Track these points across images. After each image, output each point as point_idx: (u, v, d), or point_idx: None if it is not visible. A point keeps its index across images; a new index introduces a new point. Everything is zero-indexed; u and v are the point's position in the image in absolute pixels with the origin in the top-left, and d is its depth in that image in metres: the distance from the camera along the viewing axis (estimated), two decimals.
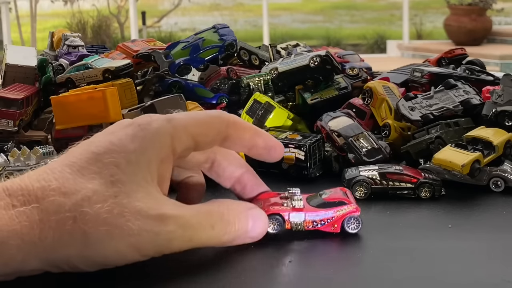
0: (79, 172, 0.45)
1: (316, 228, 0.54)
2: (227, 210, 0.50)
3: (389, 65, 1.40)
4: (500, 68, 6.16)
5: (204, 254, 0.52)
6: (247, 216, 0.51)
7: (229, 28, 0.99)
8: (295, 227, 0.54)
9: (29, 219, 0.42)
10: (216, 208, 0.49)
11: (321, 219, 0.54)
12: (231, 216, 0.50)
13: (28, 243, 0.42)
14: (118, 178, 0.44)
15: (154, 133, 0.47)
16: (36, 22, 8.42)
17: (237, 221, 0.50)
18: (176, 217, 0.46)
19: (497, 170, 0.68)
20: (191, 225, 0.47)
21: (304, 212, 0.54)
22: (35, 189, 0.43)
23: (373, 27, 9.15)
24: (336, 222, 0.54)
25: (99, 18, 8.81)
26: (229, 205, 0.50)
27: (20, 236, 0.42)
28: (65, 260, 0.44)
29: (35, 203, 0.43)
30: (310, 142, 0.73)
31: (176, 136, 0.48)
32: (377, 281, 0.47)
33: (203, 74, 0.97)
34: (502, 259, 0.51)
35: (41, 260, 0.43)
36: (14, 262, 0.42)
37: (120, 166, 0.45)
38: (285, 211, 0.54)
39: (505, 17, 8.29)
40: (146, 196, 0.45)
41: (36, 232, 0.42)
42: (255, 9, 9.39)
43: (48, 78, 0.94)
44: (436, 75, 0.88)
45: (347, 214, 0.54)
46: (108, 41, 8.25)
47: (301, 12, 10.76)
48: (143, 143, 0.47)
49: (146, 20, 8.39)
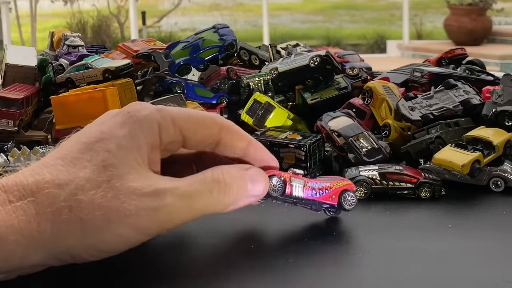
0: (72, 163, 0.45)
1: (314, 197, 0.56)
2: (222, 174, 0.48)
3: (389, 65, 1.40)
4: (500, 68, 6.16)
5: (204, 254, 0.52)
6: (244, 176, 0.50)
7: (229, 28, 0.99)
8: (296, 191, 0.55)
9: (26, 213, 0.42)
10: (211, 173, 0.48)
11: (320, 188, 0.56)
12: (228, 178, 0.48)
13: (27, 237, 0.42)
14: (110, 162, 0.45)
15: (142, 119, 0.47)
16: (36, 22, 8.42)
17: (234, 182, 0.49)
18: (172, 189, 0.45)
19: (497, 170, 0.68)
20: (188, 194, 0.46)
21: (304, 179, 0.56)
22: (30, 184, 0.44)
23: (373, 27, 9.15)
24: (334, 193, 0.56)
25: (99, 18, 8.81)
26: (224, 169, 0.49)
27: (18, 231, 0.42)
28: (66, 251, 0.44)
29: (31, 197, 0.43)
30: (310, 142, 0.73)
31: (164, 126, 0.48)
32: (377, 281, 0.47)
33: (203, 74, 0.97)
34: (502, 259, 0.51)
35: (41, 253, 0.43)
36: (14, 258, 0.43)
37: (111, 151, 0.45)
38: (287, 174, 0.55)
39: (505, 17, 8.29)
40: (139, 177, 0.45)
41: (34, 226, 0.42)
42: (255, 9, 9.39)
43: (48, 78, 0.94)
44: (436, 75, 0.88)
45: (344, 187, 0.56)
46: (108, 41, 8.25)
47: (301, 12, 10.76)
48: (133, 129, 0.47)
49: (146, 20, 8.39)
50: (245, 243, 0.54)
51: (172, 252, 0.52)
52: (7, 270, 0.44)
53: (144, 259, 0.51)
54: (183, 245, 0.54)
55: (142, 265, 0.50)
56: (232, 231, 0.56)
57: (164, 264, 0.50)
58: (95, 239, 0.44)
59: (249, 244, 0.54)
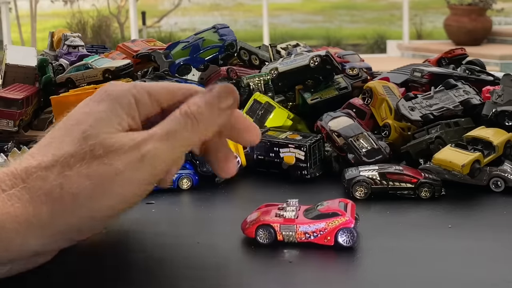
0: (57, 147, 0.46)
1: (309, 240, 0.53)
2: (188, 107, 0.49)
3: (389, 65, 1.40)
4: (500, 68, 6.15)
5: (204, 254, 0.52)
6: (209, 99, 0.49)
7: (229, 28, 0.99)
8: (287, 238, 0.53)
9: (20, 199, 0.44)
10: (179, 111, 0.49)
11: (313, 231, 0.53)
12: (194, 108, 0.49)
13: (24, 223, 0.43)
14: (89, 133, 0.46)
15: (118, 94, 0.49)
16: (36, 22, 8.42)
17: (202, 109, 0.49)
18: (150, 136, 0.47)
19: (497, 170, 0.68)
20: (165, 135, 0.47)
21: (295, 224, 0.53)
22: (19, 172, 0.45)
23: (373, 27, 9.14)
24: (329, 234, 0.52)
25: (99, 18, 8.80)
26: (190, 101, 0.49)
27: (15, 219, 0.43)
28: (66, 230, 0.45)
29: (22, 183, 0.44)
30: (310, 142, 0.73)
31: (140, 98, 0.49)
32: (377, 281, 0.47)
33: (203, 74, 0.97)
34: (502, 259, 0.51)
35: (40, 238, 0.44)
36: (14, 246, 0.43)
37: (92, 124, 0.47)
38: (275, 222, 0.53)
39: (505, 17, 8.29)
40: (120, 139, 0.46)
41: (29, 211, 0.43)
42: (255, 9, 9.38)
43: (48, 78, 0.94)
44: (436, 75, 0.88)
45: (340, 226, 0.52)
46: (108, 41, 8.25)
47: (301, 12, 10.76)
48: (110, 103, 0.48)
49: (146, 20, 8.39)
50: (245, 243, 0.54)
51: (172, 252, 0.52)
52: (9, 259, 0.44)
53: (143, 259, 0.51)
54: (183, 245, 0.54)
55: (141, 263, 0.50)
56: (232, 231, 0.56)
57: (164, 264, 0.50)
58: (90, 209, 0.45)
59: (249, 244, 0.54)
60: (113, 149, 0.45)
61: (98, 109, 0.48)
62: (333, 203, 0.55)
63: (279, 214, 0.54)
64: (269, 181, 0.73)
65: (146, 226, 0.59)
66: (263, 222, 0.53)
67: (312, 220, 0.53)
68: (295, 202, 0.55)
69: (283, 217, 0.54)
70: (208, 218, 0.63)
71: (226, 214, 0.64)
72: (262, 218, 0.54)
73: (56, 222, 0.44)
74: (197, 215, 0.65)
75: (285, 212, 0.54)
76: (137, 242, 0.55)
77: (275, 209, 0.55)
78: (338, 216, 0.53)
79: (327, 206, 0.55)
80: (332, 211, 0.54)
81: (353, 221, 0.53)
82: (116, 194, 0.45)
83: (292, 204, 0.55)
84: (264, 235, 0.53)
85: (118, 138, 0.46)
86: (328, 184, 0.72)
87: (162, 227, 0.59)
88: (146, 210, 0.63)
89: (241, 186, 0.73)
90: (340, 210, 0.54)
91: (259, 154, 0.76)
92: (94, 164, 0.45)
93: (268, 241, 0.53)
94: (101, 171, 0.45)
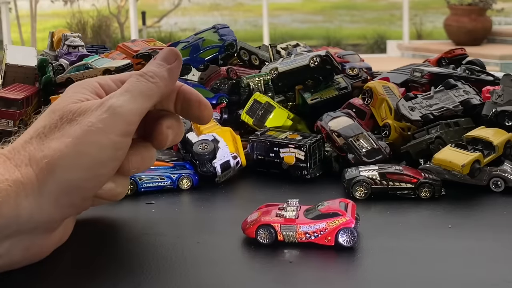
0: (32, 127, 0.51)
1: (309, 240, 0.53)
2: (141, 70, 0.54)
3: (389, 65, 1.40)
4: (500, 68, 6.15)
5: (204, 254, 0.52)
6: (156, 61, 0.55)
7: (229, 28, 0.99)
8: (288, 238, 0.53)
9: (5, 166, 0.47)
10: (135, 74, 0.54)
11: (314, 231, 0.53)
12: (145, 69, 0.54)
13: (15, 183, 0.46)
14: (56, 107, 0.51)
15: (85, 81, 0.55)
16: (36, 22, 8.42)
17: (152, 66, 0.55)
18: (112, 95, 0.52)
19: (497, 170, 0.68)
20: (124, 90, 0.52)
21: (296, 224, 0.53)
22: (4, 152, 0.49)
23: (373, 27, 9.14)
24: (329, 234, 0.53)
25: (99, 18, 8.80)
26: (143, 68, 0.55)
27: (4, 181, 0.46)
28: (57, 190, 0.47)
29: (7, 160, 0.48)
30: (310, 142, 0.73)
31: (103, 83, 0.55)
32: (377, 281, 0.47)
33: (203, 74, 0.97)
34: (502, 259, 0.51)
35: (33, 199, 0.46)
36: (8, 208, 0.45)
37: (58, 102, 0.52)
38: (276, 222, 0.53)
39: (505, 17, 8.29)
40: (86, 104, 0.51)
41: (17, 173, 0.47)
42: (255, 9, 9.38)
43: (48, 78, 0.94)
44: (436, 75, 0.88)
45: (340, 226, 0.53)
46: (108, 41, 8.25)
47: (301, 12, 10.76)
48: (75, 87, 0.54)
49: (146, 20, 8.39)
50: (246, 243, 0.54)
51: (172, 252, 0.52)
52: (4, 225, 0.46)
53: (144, 259, 0.51)
54: (183, 245, 0.54)
55: (140, 264, 0.50)
56: (232, 231, 0.56)
57: (164, 264, 0.50)
58: (74, 165, 0.48)
59: (250, 244, 0.54)
60: (81, 111, 0.50)
61: (65, 94, 0.53)
62: (333, 203, 0.55)
63: (280, 214, 0.54)
64: (269, 181, 0.73)
65: (146, 226, 0.59)
66: (263, 222, 0.54)
67: (313, 220, 0.53)
68: (296, 202, 0.55)
69: (283, 217, 0.54)
70: (208, 218, 0.63)
71: (226, 214, 0.64)
72: (262, 218, 0.54)
73: (45, 181, 0.47)
74: (197, 215, 0.65)
75: (285, 212, 0.54)
76: (137, 242, 0.55)
77: (276, 209, 0.55)
78: (339, 216, 0.53)
79: (327, 206, 0.55)
80: (332, 211, 0.54)
81: (354, 221, 0.53)
82: (93, 142, 0.49)
83: (293, 204, 0.55)
84: (264, 235, 0.53)
85: (84, 104, 0.51)
86: (328, 184, 0.72)
87: (162, 227, 0.59)
88: (146, 210, 0.63)
89: (241, 186, 0.73)
90: (341, 210, 0.54)
91: (259, 154, 0.76)
92: (67, 127, 0.49)
93: (269, 241, 0.53)
94: (75, 128, 0.49)
